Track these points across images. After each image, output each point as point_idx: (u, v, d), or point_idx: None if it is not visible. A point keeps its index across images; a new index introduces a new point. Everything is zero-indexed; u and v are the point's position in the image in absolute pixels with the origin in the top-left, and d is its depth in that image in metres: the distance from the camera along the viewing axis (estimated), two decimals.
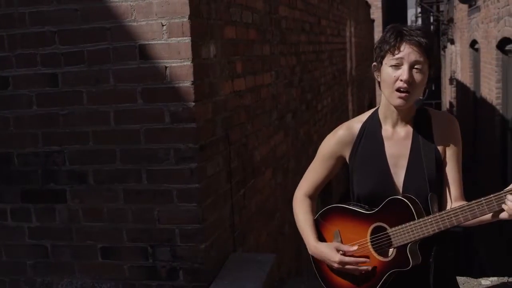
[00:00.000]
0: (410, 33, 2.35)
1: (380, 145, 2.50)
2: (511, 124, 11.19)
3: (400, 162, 2.47)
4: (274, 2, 5.00)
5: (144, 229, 3.37)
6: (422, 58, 2.34)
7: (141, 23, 3.19)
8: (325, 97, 7.84)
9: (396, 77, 2.34)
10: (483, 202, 2.25)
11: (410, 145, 2.47)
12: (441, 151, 2.46)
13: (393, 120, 2.49)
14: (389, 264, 2.42)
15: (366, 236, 2.47)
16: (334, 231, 2.57)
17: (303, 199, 2.71)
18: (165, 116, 3.22)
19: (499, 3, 11.33)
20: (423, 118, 2.50)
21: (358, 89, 12.89)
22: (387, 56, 2.37)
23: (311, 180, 2.71)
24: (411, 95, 2.37)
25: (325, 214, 2.62)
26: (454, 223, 2.30)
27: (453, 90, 22.56)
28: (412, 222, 2.34)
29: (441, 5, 26.88)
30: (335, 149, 2.60)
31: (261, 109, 4.48)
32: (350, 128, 2.58)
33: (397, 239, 2.38)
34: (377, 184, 2.47)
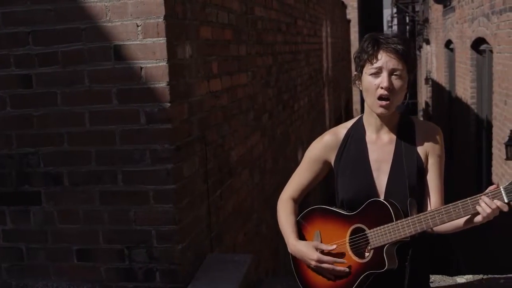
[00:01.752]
0: (387, 41, 2.42)
1: (364, 150, 2.56)
2: (486, 123, 11.30)
3: (383, 167, 2.52)
4: (250, 3, 5.00)
5: (120, 230, 3.35)
6: (400, 65, 2.41)
7: (116, 23, 3.17)
8: (301, 97, 7.86)
9: (377, 85, 2.41)
10: (459, 204, 2.29)
11: (393, 150, 2.52)
12: (423, 159, 2.51)
13: (376, 126, 2.55)
14: (366, 266, 2.44)
15: (345, 237, 2.49)
16: (315, 231, 2.59)
17: (286, 201, 2.76)
18: (141, 117, 3.21)
19: (473, 3, 11.43)
20: (407, 126, 2.56)
21: (335, 89, 12.93)
22: (366, 65, 2.44)
23: (296, 183, 2.77)
24: (392, 102, 2.43)
25: (307, 215, 2.67)
26: (431, 225, 2.33)
27: (429, 89, 22.75)
28: (390, 224, 2.37)
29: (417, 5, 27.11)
30: (321, 153, 2.66)
31: (237, 110, 4.47)
32: (336, 133, 2.66)
33: (374, 241, 2.41)
34: (360, 188, 2.52)
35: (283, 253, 5.86)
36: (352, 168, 2.54)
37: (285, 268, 5.84)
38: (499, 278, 3.71)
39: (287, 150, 6.44)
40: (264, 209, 5.15)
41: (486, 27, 10.18)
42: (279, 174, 5.77)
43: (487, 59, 10.96)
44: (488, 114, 10.91)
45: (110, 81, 3.21)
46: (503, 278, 3.71)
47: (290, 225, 2.66)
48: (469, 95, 12.61)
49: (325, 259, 2.50)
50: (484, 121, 11.52)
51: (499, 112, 9.44)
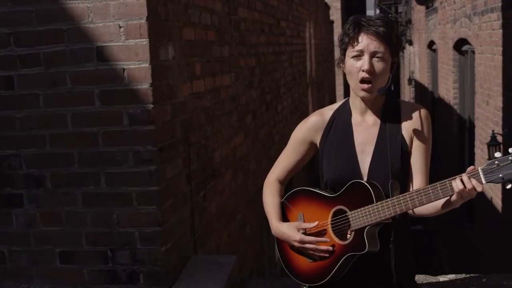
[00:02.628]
0: (368, 23, 2.41)
1: (349, 132, 2.56)
2: (468, 124, 11.37)
3: (367, 149, 2.52)
4: (233, 4, 5.00)
5: (103, 232, 3.33)
6: (382, 47, 2.40)
7: (98, 24, 3.16)
8: (285, 98, 7.87)
9: (358, 68, 2.41)
10: (438, 186, 2.29)
11: (377, 133, 2.52)
12: (408, 141, 2.51)
13: (361, 109, 2.56)
14: (347, 247, 2.45)
15: (327, 218, 2.50)
16: (298, 213, 2.60)
17: (272, 183, 2.77)
18: (124, 119, 3.20)
19: (455, 4, 11.51)
20: (392, 108, 2.56)
21: (318, 90, 12.96)
22: (348, 48, 2.45)
23: (282, 165, 2.78)
24: (374, 85, 2.43)
25: (291, 197, 2.68)
26: (410, 206, 2.33)
27: (412, 90, 22.86)
28: (370, 206, 2.38)
29: (399, 6, 27.24)
30: (307, 134, 2.67)
31: (220, 111, 4.47)
32: (322, 114, 2.66)
33: (355, 222, 2.42)
34: (344, 170, 2.52)
35: (268, 253, 5.87)
36: (336, 149, 2.55)
37: (269, 269, 5.84)
38: (481, 277, 3.74)
39: (270, 151, 6.45)
40: (248, 210, 5.15)
41: (468, 28, 10.25)
42: (262, 175, 5.75)
43: (469, 60, 11.04)
44: (471, 115, 10.99)
45: (93, 83, 3.20)
46: (485, 277, 3.74)
47: (274, 207, 2.67)
48: (452, 96, 12.69)
49: (307, 239, 2.51)
50: (467, 122, 11.59)
51: (481, 113, 9.51)
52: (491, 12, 8.48)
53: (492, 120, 8.67)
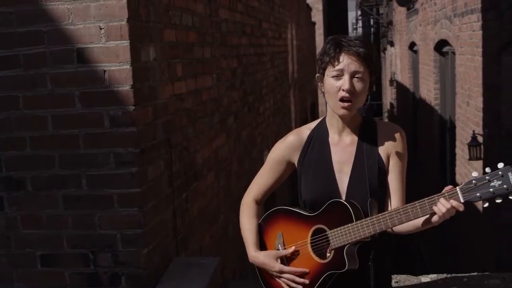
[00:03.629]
0: (348, 44, 2.43)
1: (326, 151, 2.58)
2: (449, 124, 11.45)
3: (345, 168, 2.54)
4: (214, 5, 5.00)
5: (84, 235, 3.31)
6: (362, 68, 2.42)
7: (79, 26, 3.14)
8: (267, 100, 7.88)
9: (338, 87, 2.43)
10: (417, 205, 2.33)
11: (354, 152, 2.54)
12: (385, 160, 2.53)
13: (338, 128, 2.57)
14: (327, 266, 2.47)
15: (307, 237, 2.51)
16: (277, 232, 2.60)
17: (249, 204, 2.77)
18: (105, 120, 3.18)
19: (436, 6, 11.59)
20: (369, 127, 2.58)
21: (300, 91, 12.99)
22: (328, 68, 2.46)
23: (259, 184, 2.78)
24: (354, 104, 2.45)
25: (270, 216, 2.69)
26: (389, 225, 2.36)
27: (394, 91, 22.96)
28: (350, 224, 2.40)
29: (381, 8, 27.36)
30: (284, 154, 2.67)
31: (202, 112, 4.47)
32: (300, 134, 2.67)
33: (335, 241, 2.43)
34: (322, 189, 2.54)
35: None
36: (314, 169, 2.56)
37: (252, 270, 5.84)
38: (462, 277, 3.77)
39: (253, 152, 6.45)
40: (230, 211, 5.15)
41: (449, 29, 10.32)
42: (245, 177, 5.78)
43: (450, 61, 11.11)
44: (451, 115, 11.06)
45: (73, 85, 3.18)
46: (466, 276, 3.76)
47: (251, 233, 2.69)
48: (433, 97, 12.77)
49: (286, 269, 2.55)
50: (448, 122, 11.67)
51: (462, 113, 9.57)
52: (471, 14, 8.55)
53: (473, 120, 8.74)
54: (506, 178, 2.24)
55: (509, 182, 2.23)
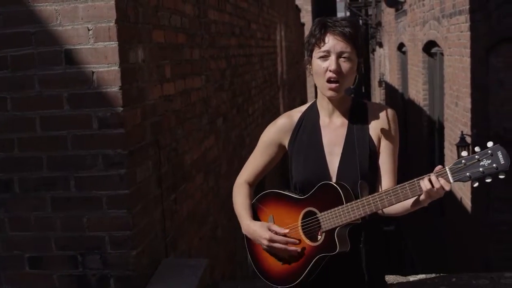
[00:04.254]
0: (334, 24, 2.44)
1: (317, 133, 2.58)
2: (438, 125, 11.49)
3: (335, 150, 2.54)
4: (203, 6, 5.00)
5: (73, 237, 3.30)
6: (348, 48, 2.43)
7: (67, 27, 3.13)
8: (256, 101, 7.88)
9: (325, 68, 2.43)
10: (407, 185, 2.32)
11: (345, 134, 2.54)
12: (375, 141, 2.53)
13: (329, 110, 2.58)
14: (318, 248, 2.46)
15: (298, 220, 2.50)
16: (268, 215, 2.60)
17: (242, 185, 2.78)
18: (93, 122, 3.17)
19: (424, 7, 11.63)
20: (359, 109, 2.58)
21: (289, 92, 12.99)
22: (315, 49, 2.47)
23: (251, 167, 2.78)
24: (341, 85, 2.45)
25: (261, 199, 2.68)
26: (379, 206, 2.35)
27: (382, 92, 23.03)
28: (340, 207, 2.39)
29: (369, 9, 27.43)
30: (275, 136, 2.68)
31: (191, 113, 4.46)
32: (290, 116, 2.68)
33: (325, 224, 2.43)
34: (313, 171, 2.53)
35: (240, 256, 5.87)
36: (305, 151, 2.56)
37: (241, 271, 5.84)
38: (451, 277, 3.78)
39: (242, 153, 6.45)
40: (220, 212, 5.14)
41: (437, 30, 10.36)
42: (234, 178, 5.74)
43: (438, 61, 11.15)
44: (440, 116, 11.10)
45: (61, 86, 3.17)
46: (455, 276, 3.78)
47: (245, 207, 2.68)
48: (422, 97, 12.81)
49: (277, 238, 2.51)
50: (436, 123, 11.71)
51: (450, 114, 9.61)
52: (459, 15, 8.58)
53: (461, 121, 8.77)
54: (495, 157, 2.22)
55: (498, 161, 2.21)
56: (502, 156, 2.21)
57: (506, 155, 2.21)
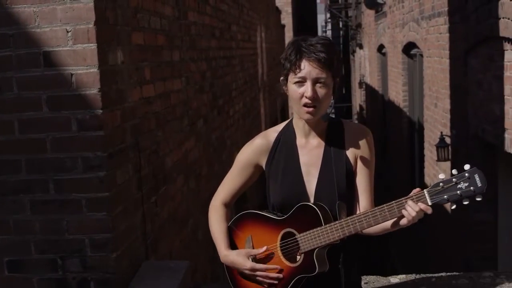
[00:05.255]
0: (309, 49, 2.39)
1: (294, 154, 2.57)
2: (418, 126, 11.55)
3: (313, 171, 2.53)
4: (183, 8, 4.99)
5: (52, 240, 3.28)
6: (324, 73, 2.40)
7: (45, 29, 3.11)
8: (237, 102, 7.88)
9: (301, 94, 2.42)
10: (385, 208, 2.34)
11: (322, 154, 2.53)
12: (352, 161, 2.53)
13: (305, 131, 2.57)
14: (297, 270, 2.46)
15: (276, 241, 2.50)
16: (246, 236, 2.60)
17: (218, 208, 2.75)
18: (72, 124, 3.16)
19: (403, 9, 11.69)
20: (336, 129, 2.58)
21: (270, 94, 13.01)
22: (290, 74, 2.44)
23: (228, 188, 2.76)
24: (318, 109, 2.44)
25: (238, 220, 2.67)
26: (358, 228, 2.37)
27: (363, 93, 23.13)
28: (319, 228, 2.40)
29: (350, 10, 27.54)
30: (252, 157, 2.66)
31: (171, 115, 4.45)
32: (267, 137, 2.65)
33: (304, 245, 2.43)
34: (290, 192, 2.52)
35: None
36: (282, 172, 2.55)
37: (223, 273, 5.83)
38: (431, 277, 3.80)
39: (223, 155, 6.44)
40: (201, 215, 5.13)
41: (416, 32, 10.42)
42: (215, 180, 5.76)
43: (418, 63, 11.22)
44: (420, 117, 11.17)
45: (40, 88, 3.15)
46: (435, 277, 3.80)
47: (221, 234, 2.67)
48: (401, 99, 12.88)
49: (258, 267, 2.51)
50: (416, 124, 11.78)
51: (430, 115, 9.67)
52: (438, 16, 8.64)
53: (440, 122, 8.83)
54: (472, 180, 2.26)
55: (475, 184, 2.26)
56: (479, 179, 2.26)
57: (483, 178, 2.26)
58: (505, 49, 5.84)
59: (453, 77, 8.03)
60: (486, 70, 6.56)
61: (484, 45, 6.60)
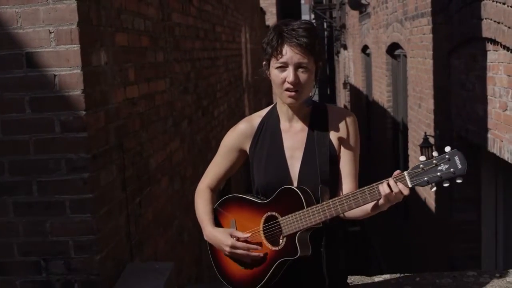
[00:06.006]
0: (290, 34, 2.41)
1: (278, 138, 2.59)
2: (402, 126, 11.60)
3: (296, 154, 2.55)
4: (167, 9, 4.98)
5: (36, 242, 3.26)
6: (306, 58, 2.42)
7: (28, 30, 3.09)
8: (221, 103, 7.88)
9: (283, 79, 2.43)
10: (366, 190, 2.36)
11: (305, 138, 2.54)
12: (336, 146, 2.54)
13: (289, 115, 2.59)
14: (279, 253, 2.47)
15: (259, 225, 2.51)
16: (230, 220, 2.61)
17: (204, 191, 2.78)
18: (55, 126, 3.14)
19: (387, 9, 11.74)
20: (320, 113, 2.59)
21: (255, 95, 13.01)
22: (272, 59, 2.46)
23: (213, 173, 2.78)
24: (301, 93, 2.46)
25: (223, 204, 2.69)
26: (340, 211, 2.38)
27: (347, 94, 23.20)
28: (301, 211, 2.41)
29: (334, 11, 27.62)
30: (236, 142, 2.68)
31: (155, 116, 4.44)
32: (251, 121, 2.68)
33: (287, 228, 2.44)
34: (274, 175, 2.55)
35: (206, 259, 5.85)
36: (266, 155, 2.57)
37: (208, 275, 5.82)
38: (415, 277, 3.81)
39: (207, 156, 6.43)
40: (185, 216, 5.13)
41: (400, 32, 10.47)
42: (199, 181, 5.74)
43: (402, 63, 11.27)
44: (404, 117, 11.22)
45: (23, 89, 3.13)
46: (419, 276, 3.81)
47: (207, 213, 2.69)
48: (386, 99, 12.93)
49: (239, 245, 2.53)
50: (400, 124, 11.83)
51: (414, 115, 9.71)
52: (422, 17, 8.68)
53: (424, 122, 8.87)
54: (453, 161, 2.27)
55: (456, 165, 2.26)
56: (459, 161, 2.26)
57: (463, 160, 2.26)
58: (488, 50, 5.88)
59: (436, 77, 8.07)
60: (469, 70, 6.60)
61: (467, 46, 6.64)
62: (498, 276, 3.74)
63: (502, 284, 3.62)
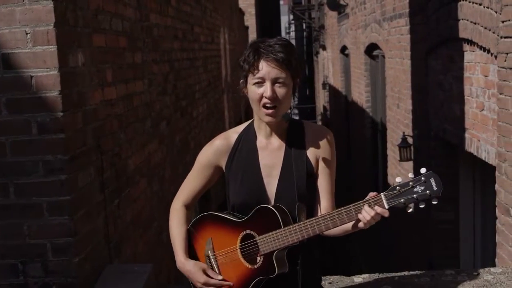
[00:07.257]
0: (267, 50, 2.41)
1: (254, 155, 2.56)
2: (381, 126, 11.66)
3: (273, 172, 2.54)
4: (145, 10, 4.96)
5: (13, 245, 3.23)
6: (283, 73, 2.41)
7: (4, 31, 3.07)
8: (200, 104, 7.86)
9: (260, 95, 2.42)
10: (343, 211, 2.37)
11: (283, 156, 2.53)
12: (313, 163, 2.54)
13: (266, 132, 2.57)
14: (256, 271, 2.47)
15: (236, 243, 2.51)
16: (207, 238, 2.60)
17: (178, 210, 2.75)
18: (32, 127, 3.12)
19: (365, 10, 11.79)
20: (297, 130, 2.58)
21: (234, 96, 13.00)
22: (249, 76, 2.45)
23: (188, 189, 2.76)
24: (278, 110, 2.45)
25: (198, 222, 2.67)
26: (317, 231, 2.39)
27: (326, 94, 23.27)
28: (278, 230, 2.41)
29: (313, 12, 27.65)
30: (212, 158, 2.65)
31: (133, 118, 4.42)
32: (227, 138, 2.65)
33: (264, 247, 2.44)
34: (250, 193, 2.53)
35: None
36: (242, 173, 2.55)
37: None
38: (394, 276, 3.84)
39: (186, 157, 6.42)
40: (164, 217, 5.09)
41: (378, 33, 10.52)
42: (178, 182, 5.71)
43: (380, 64, 11.33)
44: (383, 117, 11.27)
45: None
46: (398, 275, 3.84)
47: (180, 240, 2.68)
48: (364, 99, 12.99)
49: (212, 282, 2.55)
50: (379, 124, 11.89)
51: (392, 115, 9.77)
52: (399, 18, 8.74)
53: (403, 122, 8.92)
54: (428, 183, 2.31)
55: (431, 187, 2.31)
56: (434, 183, 2.31)
57: (438, 182, 2.31)
58: (465, 50, 5.93)
59: (414, 78, 8.13)
60: (446, 71, 6.66)
61: (445, 46, 6.69)
62: (475, 274, 3.77)
63: (480, 282, 3.65)
